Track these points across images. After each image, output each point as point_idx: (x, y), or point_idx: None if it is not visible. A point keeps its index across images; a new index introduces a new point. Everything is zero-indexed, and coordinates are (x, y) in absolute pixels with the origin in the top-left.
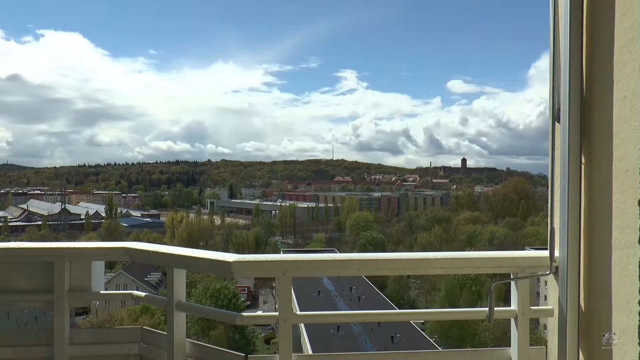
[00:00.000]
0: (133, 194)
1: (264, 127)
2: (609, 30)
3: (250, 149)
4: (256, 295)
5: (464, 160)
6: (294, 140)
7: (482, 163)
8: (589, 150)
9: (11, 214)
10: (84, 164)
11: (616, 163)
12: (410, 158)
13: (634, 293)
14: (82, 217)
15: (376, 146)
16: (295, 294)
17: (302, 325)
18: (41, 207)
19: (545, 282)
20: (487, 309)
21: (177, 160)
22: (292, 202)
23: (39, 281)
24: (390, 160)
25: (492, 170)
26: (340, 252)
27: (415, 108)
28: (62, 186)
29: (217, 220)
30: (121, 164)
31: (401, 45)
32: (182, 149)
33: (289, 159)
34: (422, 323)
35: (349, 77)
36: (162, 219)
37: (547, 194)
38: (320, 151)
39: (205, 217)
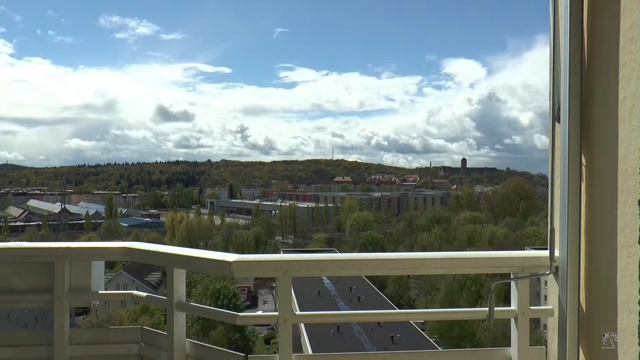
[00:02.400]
0: (133, 194)
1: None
2: (609, 30)
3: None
4: (256, 295)
5: (464, 160)
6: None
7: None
8: (589, 150)
9: (11, 214)
10: (84, 164)
11: (616, 163)
12: (376, 156)
13: (634, 293)
14: (82, 217)
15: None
16: (295, 294)
17: (302, 325)
18: (41, 207)
19: (545, 282)
20: (487, 309)
21: (177, 160)
22: (292, 202)
23: (39, 281)
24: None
25: (492, 170)
26: (340, 252)
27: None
28: (62, 186)
29: (217, 220)
30: (121, 164)
31: (360, 31)
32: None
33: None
34: (422, 323)
35: (305, 68)
36: (162, 219)
37: (547, 194)
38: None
39: (205, 217)
